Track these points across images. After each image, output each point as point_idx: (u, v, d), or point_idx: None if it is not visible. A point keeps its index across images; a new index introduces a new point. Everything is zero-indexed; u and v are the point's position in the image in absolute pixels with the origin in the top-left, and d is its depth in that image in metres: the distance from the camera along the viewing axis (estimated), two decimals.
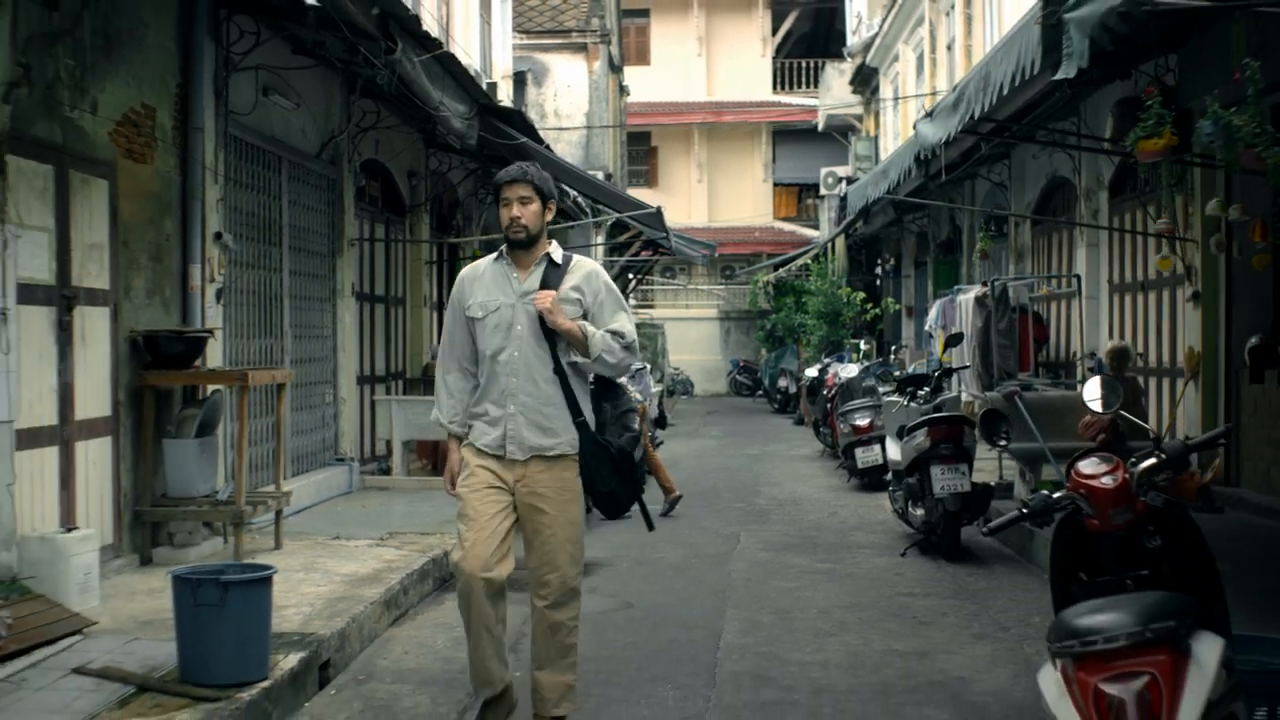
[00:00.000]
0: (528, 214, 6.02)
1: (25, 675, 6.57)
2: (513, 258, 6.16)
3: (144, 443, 9.60)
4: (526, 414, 6.03)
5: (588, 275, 6.18)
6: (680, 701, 6.89)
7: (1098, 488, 4.49)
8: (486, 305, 6.12)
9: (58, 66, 8.55)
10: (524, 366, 6.05)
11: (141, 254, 9.69)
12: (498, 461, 6.06)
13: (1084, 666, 3.70)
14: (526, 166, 6.17)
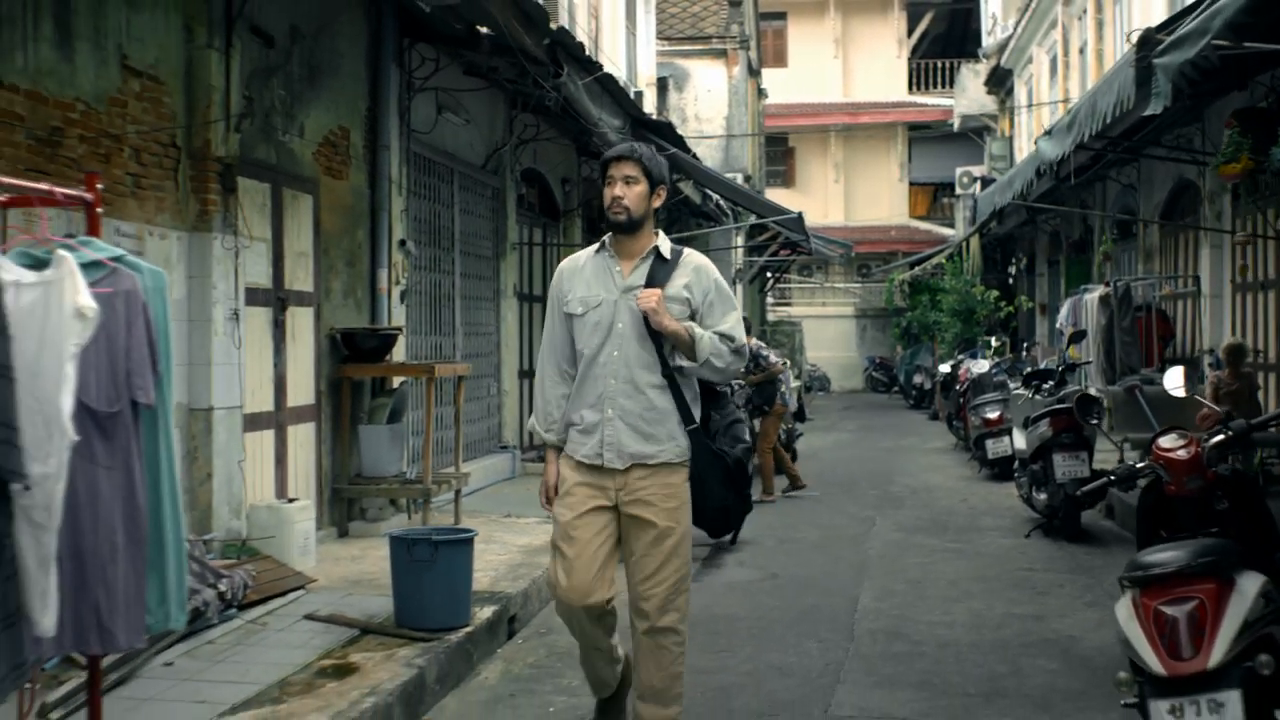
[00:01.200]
0: (631, 195, 5.56)
1: (266, 620, 7.77)
2: (616, 249, 5.70)
3: (341, 428, 10.81)
4: (626, 419, 5.55)
5: (698, 271, 5.70)
6: (823, 652, 7.91)
7: (1174, 459, 5.43)
8: (587, 301, 5.65)
9: (273, 97, 9.76)
10: (624, 368, 5.57)
11: (339, 260, 10.90)
12: (596, 473, 5.60)
13: (1147, 593, 4.65)
14: (636, 144, 5.73)
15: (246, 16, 9.10)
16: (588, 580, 5.52)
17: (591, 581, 5.52)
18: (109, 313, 3.70)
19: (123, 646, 4.00)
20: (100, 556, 3.81)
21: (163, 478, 4.08)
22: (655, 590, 5.53)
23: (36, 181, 6.11)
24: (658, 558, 5.54)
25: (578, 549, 5.54)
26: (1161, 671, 4.46)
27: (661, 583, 5.54)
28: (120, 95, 7.95)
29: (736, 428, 5.85)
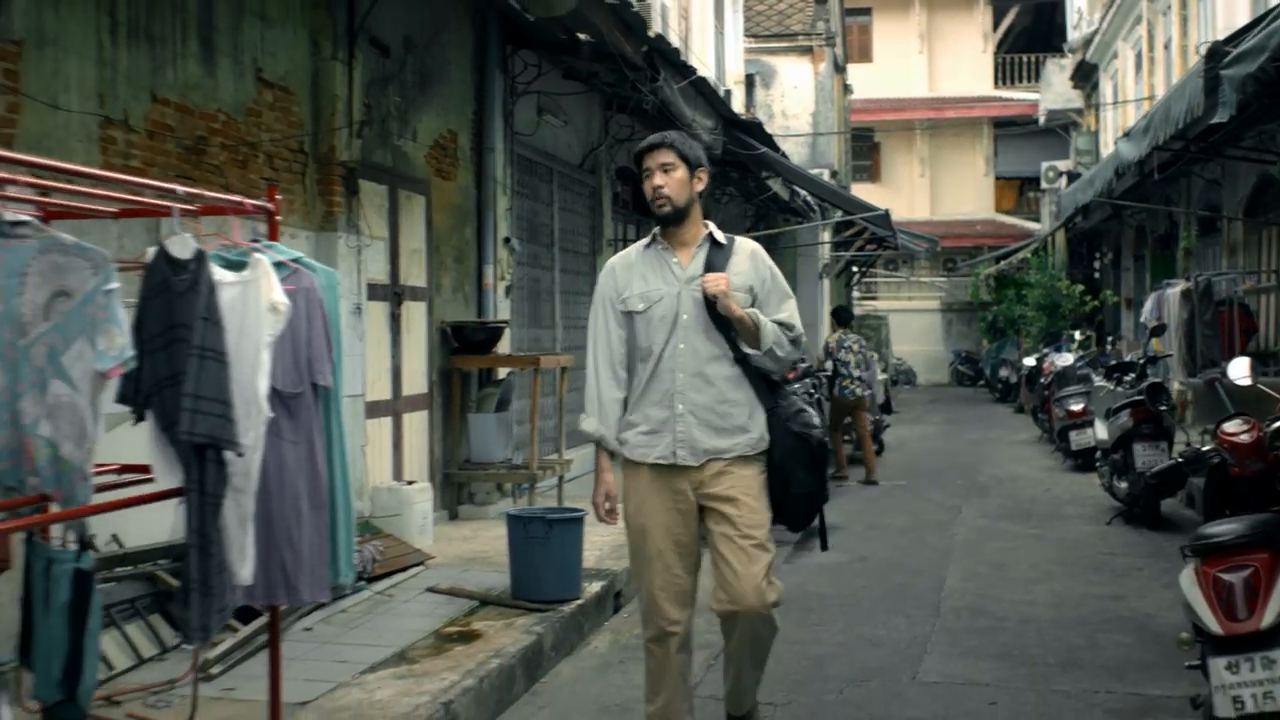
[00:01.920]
0: (671, 182, 5.36)
1: (391, 593, 8.38)
2: (668, 240, 5.51)
3: (452, 416, 11.42)
4: (698, 413, 5.35)
5: (754, 257, 5.54)
6: (910, 626, 8.40)
7: (1237, 443, 5.91)
8: (649, 296, 5.43)
9: (389, 104, 10.37)
10: (692, 360, 5.36)
11: (448, 257, 11.50)
12: (669, 474, 5.39)
13: (1207, 561, 5.13)
14: (668, 132, 5.55)
15: (366, 29, 9.70)
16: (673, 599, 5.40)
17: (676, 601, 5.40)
18: (292, 307, 4.27)
19: (305, 600, 4.59)
20: (286, 520, 4.39)
21: (335, 451, 4.66)
22: (749, 583, 5.24)
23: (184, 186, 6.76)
24: (745, 552, 5.28)
25: (661, 566, 5.39)
26: (1219, 631, 4.94)
27: (757, 574, 5.26)
28: (255, 106, 8.58)
29: (805, 414, 5.53)
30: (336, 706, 5.96)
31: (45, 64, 6.56)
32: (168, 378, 4.05)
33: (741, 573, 5.27)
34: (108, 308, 3.68)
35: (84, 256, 3.73)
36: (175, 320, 4.01)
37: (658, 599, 5.41)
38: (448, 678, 6.44)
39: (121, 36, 7.19)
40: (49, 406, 3.75)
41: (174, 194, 4.10)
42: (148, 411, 4.11)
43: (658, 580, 5.41)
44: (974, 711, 6.56)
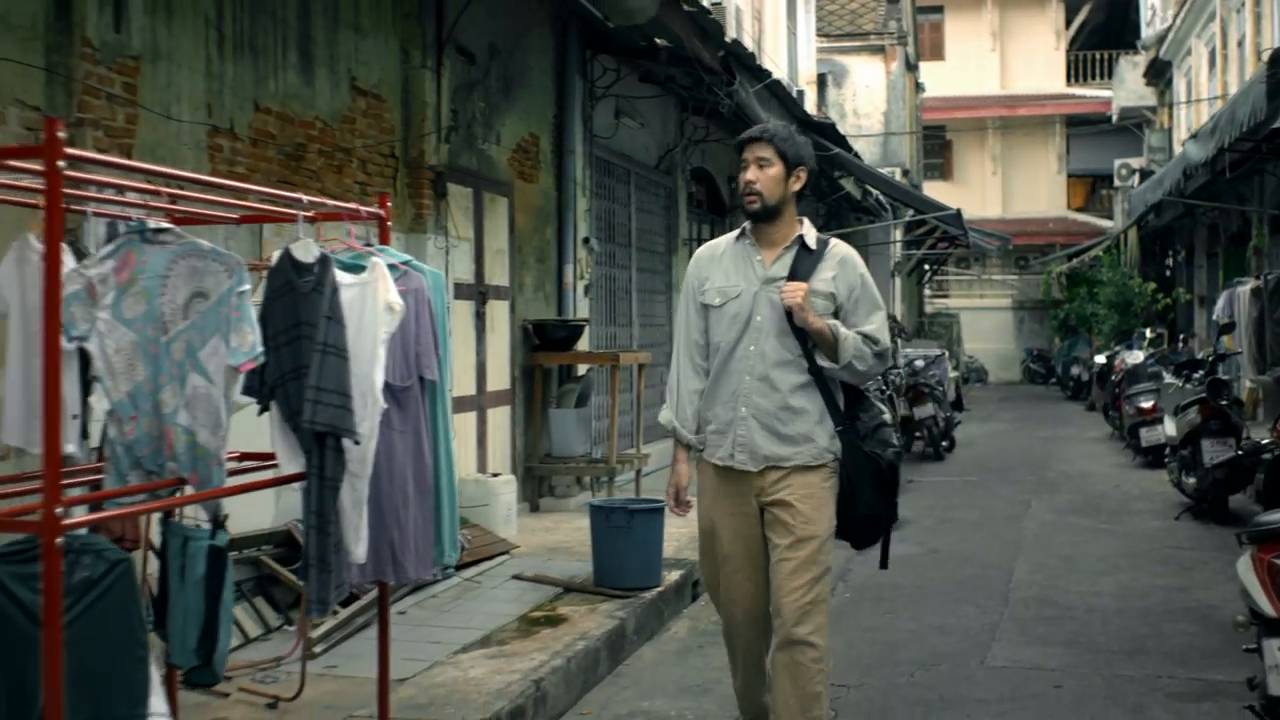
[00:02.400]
0: (765, 179, 5.18)
1: (479, 579, 8.74)
2: (757, 236, 5.33)
3: (533, 412, 11.78)
4: (760, 418, 5.19)
5: (844, 264, 5.27)
6: (980, 615, 8.68)
7: None
8: (725, 291, 5.28)
9: (473, 109, 10.74)
10: (760, 364, 5.20)
11: (530, 256, 11.86)
12: (732, 476, 5.29)
13: (1263, 548, 5.37)
14: (771, 124, 5.51)
15: (453, 38, 10.07)
16: (749, 589, 5.30)
17: (752, 589, 5.30)
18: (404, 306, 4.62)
19: (411, 577, 4.93)
20: (395, 503, 4.74)
21: (440, 440, 5.01)
22: (790, 598, 5.09)
23: (284, 190, 7.15)
24: (793, 563, 5.11)
25: (736, 562, 5.30)
26: (1273, 614, 5.20)
27: (797, 590, 5.09)
28: (350, 113, 8.97)
29: (884, 430, 5.31)
30: (434, 683, 6.32)
31: (159, 77, 6.96)
32: (291, 371, 4.41)
33: (783, 585, 5.12)
34: (240, 308, 4.04)
35: (219, 261, 4.09)
36: (299, 319, 4.37)
37: (723, 600, 5.39)
38: (537, 658, 6.78)
39: (228, 50, 7.59)
40: (187, 397, 4.11)
41: (299, 203, 4.45)
42: (272, 403, 4.48)
43: (724, 581, 5.34)
44: (1040, 694, 6.83)
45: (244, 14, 7.76)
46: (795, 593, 5.09)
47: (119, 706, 3.80)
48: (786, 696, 5.10)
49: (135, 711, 3.83)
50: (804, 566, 5.11)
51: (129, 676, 3.81)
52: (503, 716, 5.91)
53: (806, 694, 5.09)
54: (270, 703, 5.89)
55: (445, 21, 9.94)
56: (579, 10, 11.81)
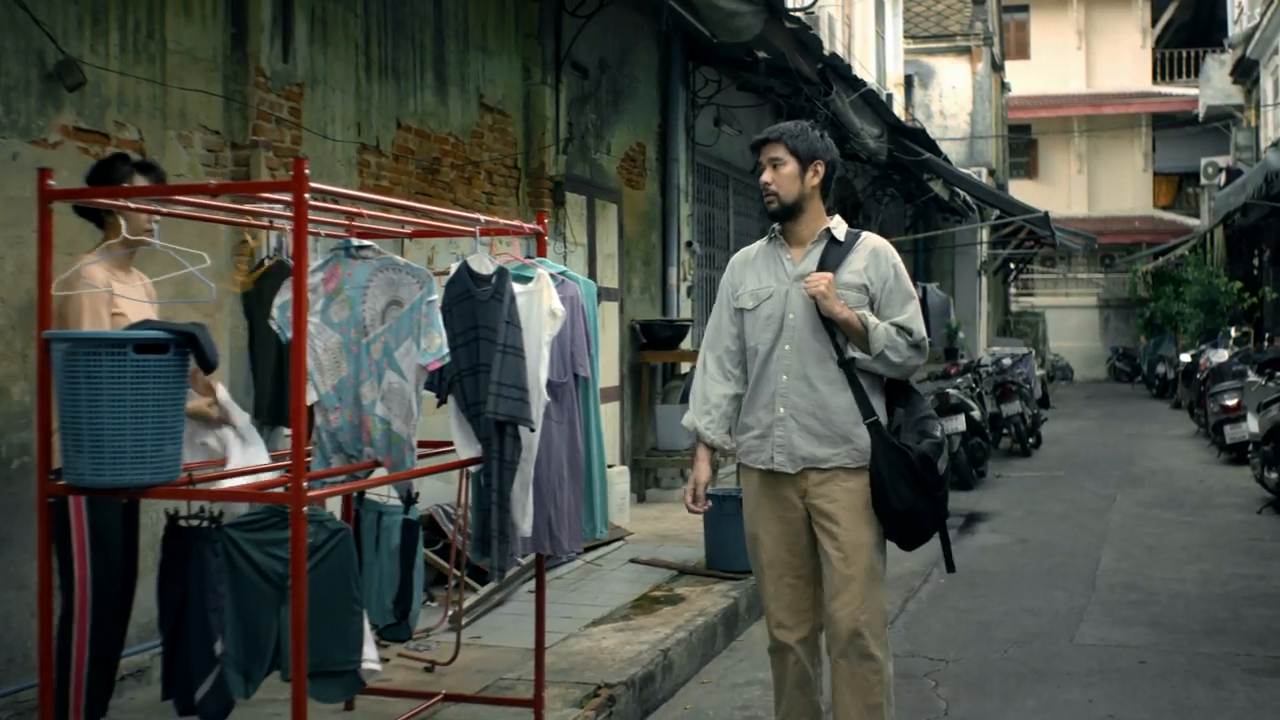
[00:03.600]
0: (779, 178, 5.15)
1: (599, 563, 9.40)
2: (785, 235, 5.28)
3: (641, 407, 12.43)
4: (799, 418, 5.07)
5: (875, 255, 5.16)
6: (1068, 599, 9.23)
7: None
8: (758, 293, 5.20)
9: (586, 121, 11.39)
10: (797, 363, 5.09)
11: (637, 260, 12.51)
12: (773, 480, 5.16)
13: None
14: (781, 124, 5.34)
15: (569, 55, 10.73)
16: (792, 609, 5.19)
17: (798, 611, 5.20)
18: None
19: (566, 550, 5.57)
20: (552, 485, 5.37)
21: (591, 429, 5.65)
22: (844, 611, 5.02)
23: (421, 201, 7.83)
24: (843, 571, 5.02)
25: (775, 574, 5.20)
26: None
27: (850, 603, 5.02)
28: (478, 128, 9.64)
29: (926, 423, 5.12)
30: (571, 651, 6.97)
31: (317, 100, 7.65)
32: (467, 369, 5.07)
33: (836, 598, 5.05)
34: (430, 315, 4.69)
35: (412, 274, 4.75)
36: (476, 322, 5.03)
37: (771, 609, 5.23)
38: (661, 631, 7.43)
39: (374, 73, 8.28)
40: (383, 391, 4.77)
41: (477, 221, 5.11)
42: (449, 397, 5.13)
43: (770, 590, 5.22)
44: (1125, 669, 7.39)
45: (388, 39, 8.45)
46: (849, 605, 5.01)
47: (337, 653, 4.47)
48: (848, 709, 5.06)
49: (351, 658, 4.50)
50: (855, 578, 5.01)
51: (346, 628, 4.48)
52: (636, 680, 6.55)
53: (868, 705, 5.03)
54: (428, 667, 6.55)
55: (563, 40, 10.60)
56: (684, 26, 12.43)
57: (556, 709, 5.91)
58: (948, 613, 8.79)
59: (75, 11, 5.99)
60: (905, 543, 5.18)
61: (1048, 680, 7.17)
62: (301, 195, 3.99)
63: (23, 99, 5.72)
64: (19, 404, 5.68)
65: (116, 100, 6.24)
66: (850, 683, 5.04)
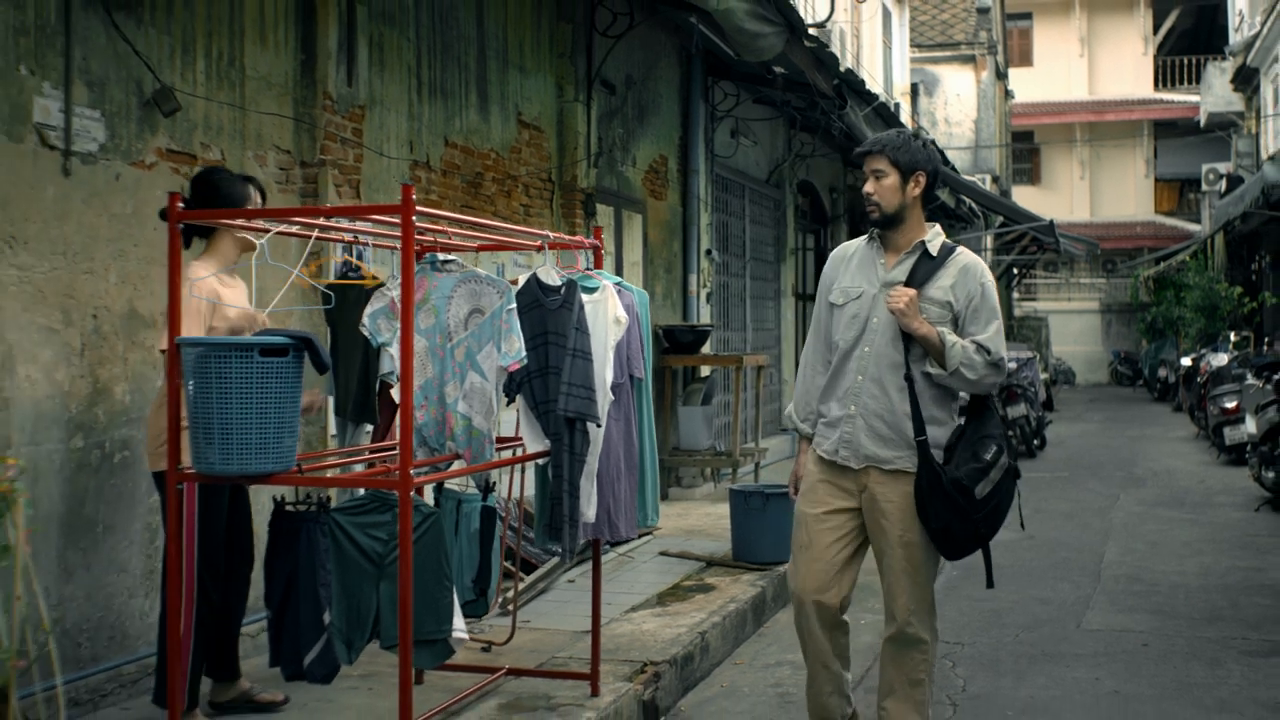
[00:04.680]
0: (881, 189, 5.32)
1: (631, 555, 9.95)
2: (884, 240, 5.46)
3: (663, 409, 12.98)
4: (867, 418, 5.30)
5: (964, 272, 5.34)
6: (1074, 590, 9.78)
7: None
8: (848, 291, 5.43)
9: (614, 135, 11.94)
10: (874, 365, 5.31)
11: (660, 267, 13.06)
12: (836, 470, 5.39)
13: None
14: (884, 135, 5.46)
15: (600, 73, 11.28)
16: (821, 580, 5.37)
17: (825, 579, 5.37)
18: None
19: (623, 535, 6.10)
20: (610, 476, 5.91)
21: (645, 426, 6.20)
22: (900, 600, 5.33)
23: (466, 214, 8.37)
24: (899, 566, 5.30)
25: (815, 551, 5.39)
26: None
27: (904, 592, 5.31)
28: (516, 144, 10.19)
29: (983, 444, 5.27)
30: (614, 634, 7.51)
31: (375, 121, 8.20)
32: (536, 371, 5.62)
33: (893, 587, 5.34)
34: (509, 321, 5.24)
35: (492, 285, 5.29)
36: (545, 329, 5.58)
37: (800, 575, 5.43)
38: (696, 616, 7.97)
39: (425, 94, 8.83)
40: (465, 390, 5.31)
41: (546, 237, 5.66)
42: (519, 396, 5.68)
43: (801, 568, 5.43)
44: (1129, 650, 7.93)
45: (437, 61, 9.00)
46: (904, 595, 5.30)
47: (429, 623, 5.02)
48: (891, 679, 5.40)
49: (442, 628, 5.05)
50: (908, 572, 5.29)
51: (438, 601, 5.03)
52: (678, 659, 7.09)
53: (911, 679, 5.36)
54: (485, 647, 7.09)
55: (594, 59, 11.15)
56: (707, 44, 12.98)
57: (609, 683, 6.45)
58: (963, 602, 9.33)
59: (168, 44, 6.54)
60: (945, 554, 5.38)
61: (1057, 661, 7.72)
62: (409, 217, 4.53)
63: (124, 124, 6.26)
64: (120, 403, 6.22)
65: (202, 123, 6.79)
66: (896, 660, 5.39)
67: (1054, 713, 6.74)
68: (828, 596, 5.37)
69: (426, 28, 8.88)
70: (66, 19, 5.91)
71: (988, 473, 5.17)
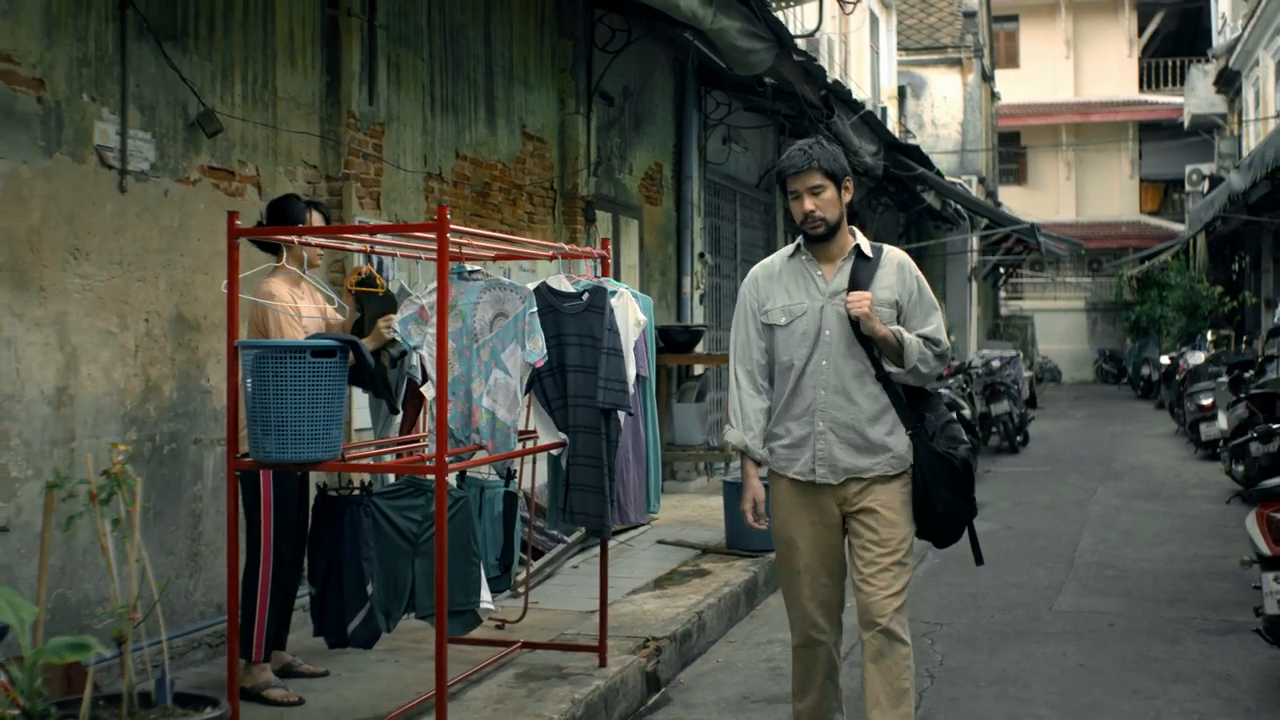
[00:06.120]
0: (823, 204, 5.24)
1: (630, 544, 10.55)
2: (814, 251, 5.37)
3: (659, 406, 13.55)
4: (838, 431, 5.24)
5: (901, 269, 5.37)
6: (1048, 575, 10.39)
7: None
8: (790, 310, 5.32)
9: (612, 144, 12.53)
10: (834, 377, 5.26)
11: (655, 270, 13.65)
12: (811, 490, 5.31)
13: (1264, 504, 7.05)
14: (809, 148, 5.32)
15: (599, 86, 11.87)
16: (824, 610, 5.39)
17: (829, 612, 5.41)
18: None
19: (632, 520, 6.71)
20: (621, 467, 6.50)
21: (649, 421, 6.79)
22: (878, 596, 5.25)
23: (470, 226, 8.95)
24: (881, 565, 5.26)
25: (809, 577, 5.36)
26: (1269, 553, 6.89)
27: (885, 589, 5.25)
28: (521, 155, 10.77)
29: (952, 428, 5.39)
30: (617, 613, 8.08)
31: (393, 136, 8.79)
32: (548, 370, 6.21)
33: (871, 585, 5.26)
34: (531, 323, 5.82)
35: (515, 291, 5.88)
36: (560, 331, 6.19)
37: (807, 609, 5.38)
38: (693, 597, 8.57)
39: (437, 110, 9.41)
40: (489, 387, 5.88)
41: (561, 248, 6.26)
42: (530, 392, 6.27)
43: (806, 592, 5.36)
44: (1096, 630, 8.54)
45: (448, 79, 9.58)
46: (883, 591, 5.23)
47: (459, 595, 5.62)
48: (877, 692, 5.25)
49: (471, 600, 5.65)
50: (892, 568, 5.25)
51: (467, 575, 5.63)
52: (677, 635, 7.69)
53: (897, 690, 5.25)
54: (499, 624, 7.66)
55: (594, 73, 11.73)
56: (701, 57, 13.57)
57: (615, 655, 7.04)
58: (942, 587, 9.92)
59: (210, 69, 7.12)
60: (941, 541, 5.49)
61: (1028, 638, 8.33)
62: (444, 234, 5.12)
63: (172, 144, 6.85)
64: (169, 399, 6.80)
65: (240, 142, 7.37)
66: (880, 667, 5.25)
67: (1024, 683, 7.34)
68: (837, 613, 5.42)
69: (439, 47, 9.45)
70: (122, 49, 6.49)
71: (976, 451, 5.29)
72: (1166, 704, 6.93)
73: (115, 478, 3.82)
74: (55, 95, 6.11)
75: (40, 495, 5.34)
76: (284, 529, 6.08)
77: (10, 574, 5.72)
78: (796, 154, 5.31)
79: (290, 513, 6.14)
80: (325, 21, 8.19)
